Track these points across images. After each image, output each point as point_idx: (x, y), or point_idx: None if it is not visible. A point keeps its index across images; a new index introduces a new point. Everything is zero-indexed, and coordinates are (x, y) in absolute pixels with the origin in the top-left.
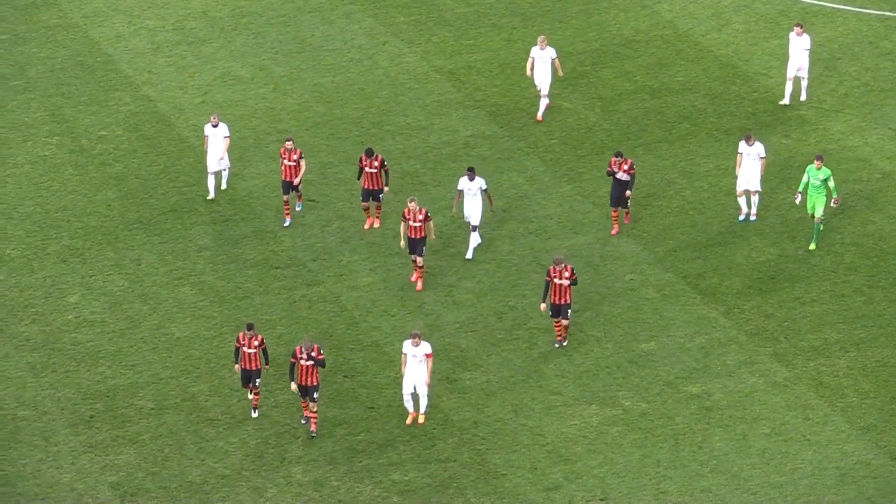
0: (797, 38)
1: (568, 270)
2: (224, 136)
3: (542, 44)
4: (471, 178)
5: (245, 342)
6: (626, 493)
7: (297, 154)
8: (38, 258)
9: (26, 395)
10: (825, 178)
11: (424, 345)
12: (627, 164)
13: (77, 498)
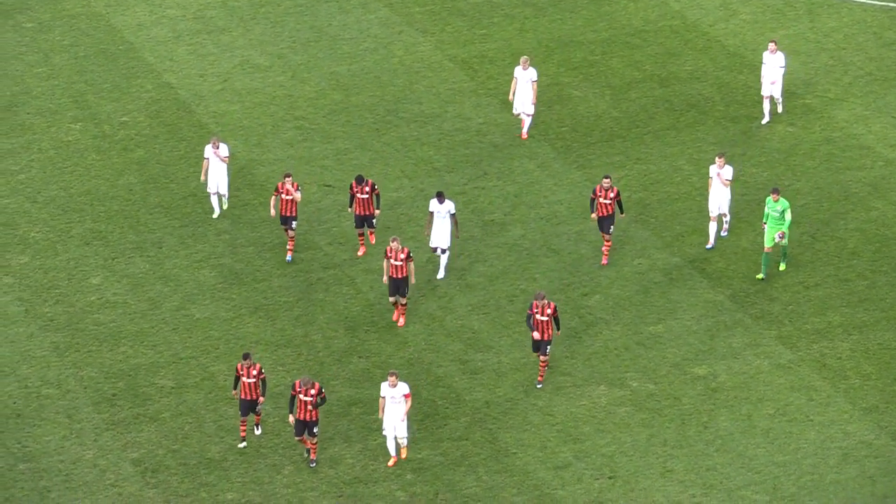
0: (771, 55)
1: (550, 307)
2: (224, 156)
3: (524, 64)
4: (440, 200)
5: (244, 372)
6: (633, 472)
7: (294, 187)
8: (61, 241)
9: (50, 373)
10: (783, 209)
11: (402, 385)
12: (614, 193)
13: (99, 474)
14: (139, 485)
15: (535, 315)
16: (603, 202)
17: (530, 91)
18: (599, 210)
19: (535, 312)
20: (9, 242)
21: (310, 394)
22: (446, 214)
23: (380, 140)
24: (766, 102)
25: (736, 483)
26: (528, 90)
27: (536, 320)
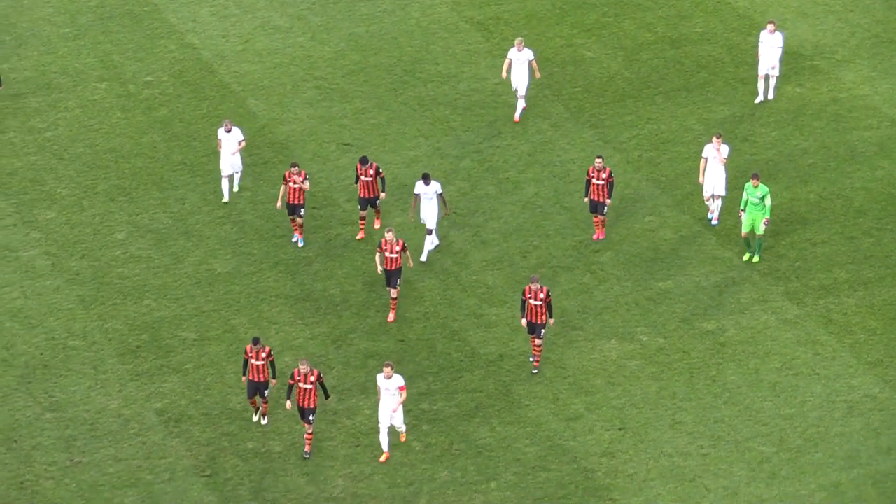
0: (769, 35)
1: (543, 292)
2: (238, 140)
3: (519, 45)
4: (426, 182)
5: (253, 355)
6: (643, 424)
7: (301, 176)
8: (87, 197)
9: (76, 326)
10: (762, 195)
11: (396, 378)
12: (606, 173)
13: (124, 423)
14: (163, 434)
15: (529, 300)
16: (596, 183)
17: (527, 72)
18: (592, 192)
19: (529, 298)
20: (36, 198)
21: (309, 381)
22: (433, 195)
23: (397, 100)
24: (761, 81)
25: (743, 435)
26: (525, 71)
27: (530, 305)
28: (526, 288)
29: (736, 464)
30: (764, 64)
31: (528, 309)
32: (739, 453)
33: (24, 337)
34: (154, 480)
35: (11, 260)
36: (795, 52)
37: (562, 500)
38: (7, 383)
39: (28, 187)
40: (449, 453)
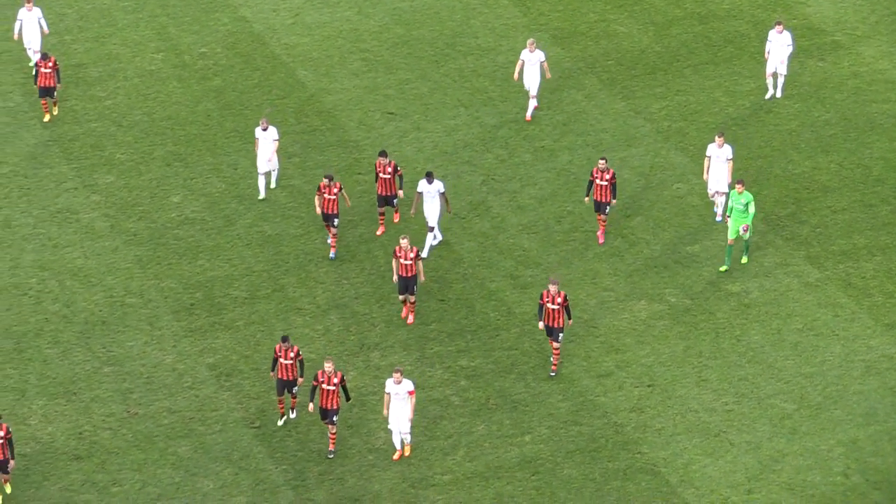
0: (778, 35)
1: (560, 296)
2: (273, 139)
3: (531, 47)
4: (429, 181)
5: (282, 353)
6: (670, 380)
7: (336, 187)
8: (144, 162)
9: (134, 284)
10: (746, 202)
11: (406, 382)
12: (610, 174)
13: (178, 377)
14: (214, 387)
15: (546, 304)
16: (600, 183)
17: (538, 73)
18: (596, 193)
19: (546, 301)
20: (96, 163)
21: (332, 382)
22: (435, 194)
23: (439, 71)
24: (770, 79)
25: (766, 392)
26: (537, 72)
27: (547, 309)
28: (544, 292)
29: (758, 419)
30: (772, 62)
31: (545, 313)
32: (762, 410)
33: (84, 295)
34: (206, 431)
35: (73, 222)
36: (818, 29)
37: (593, 453)
38: (68, 338)
39: (88, 153)
40: (486, 408)
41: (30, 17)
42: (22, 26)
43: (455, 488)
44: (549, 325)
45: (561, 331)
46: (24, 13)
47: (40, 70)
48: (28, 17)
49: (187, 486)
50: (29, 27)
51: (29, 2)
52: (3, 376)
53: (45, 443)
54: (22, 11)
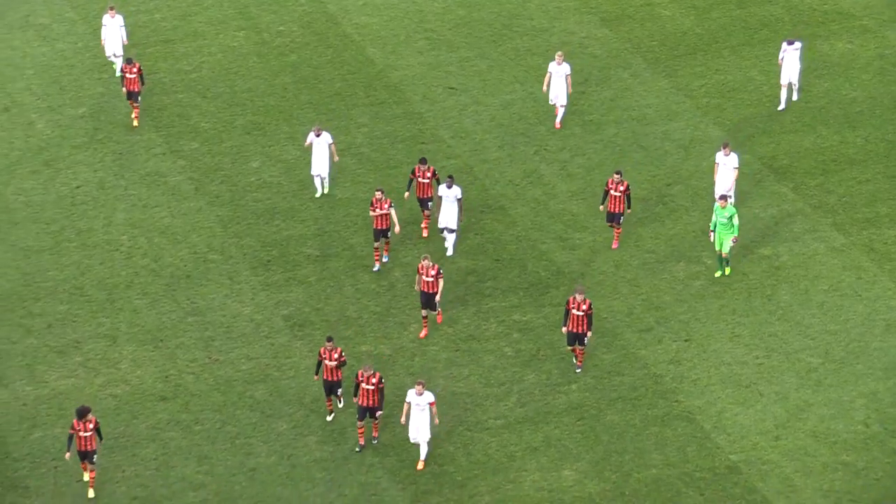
0: (789, 45)
1: (586, 304)
2: (328, 143)
3: (559, 60)
4: (449, 185)
5: (326, 355)
6: (706, 336)
7: (387, 203)
8: (226, 130)
9: (215, 242)
10: (730, 215)
11: (427, 394)
12: (624, 186)
13: (255, 327)
14: (288, 337)
15: (572, 310)
16: (614, 194)
17: (564, 84)
18: (610, 203)
19: (572, 308)
20: (182, 131)
21: (371, 382)
22: (454, 199)
23: (496, 50)
24: (784, 90)
25: (794, 347)
26: (563, 84)
27: (573, 315)
28: (570, 298)
29: (786, 372)
30: (785, 74)
31: (570, 318)
32: (790, 363)
33: (171, 251)
34: (281, 377)
35: (161, 184)
36: (847, 13)
37: (633, 401)
38: (155, 290)
39: (175, 121)
40: (536, 358)
41: (112, 24)
42: (105, 32)
43: (507, 432)
44: (572, 330)
45: (585, 335)
46: (108, 20)
47: (126, 75)
48: (111, 24)
49: (263, 427)
50: (111, 33)
51: (112, 9)
52: (96, 324)
53: (134, 385)
54: (105, 18)
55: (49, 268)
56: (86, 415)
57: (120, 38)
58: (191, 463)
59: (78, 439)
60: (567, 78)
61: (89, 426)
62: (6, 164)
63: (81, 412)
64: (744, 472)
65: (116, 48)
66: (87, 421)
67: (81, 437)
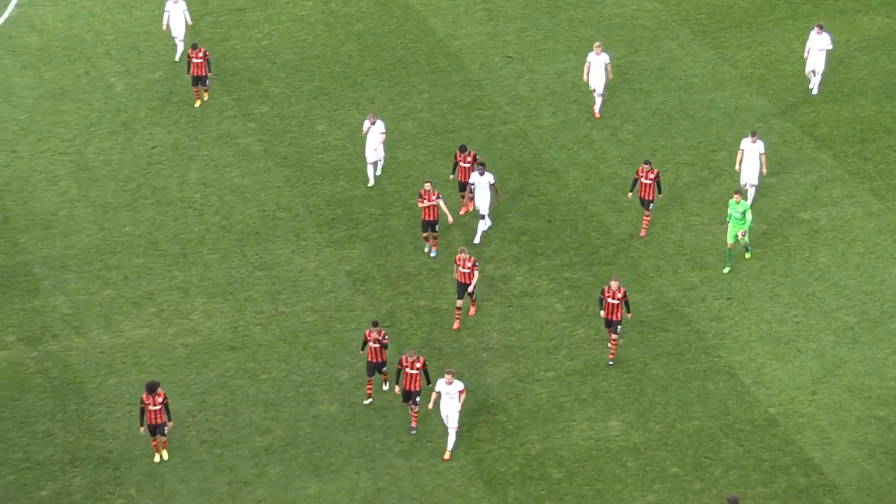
0: (817, 36)
1: (620, 292)
2: (380, 132)
3: (597, 50)
4: (481, 173)
5: (371, 337)
6: (747, 295)
7: (435, 195)
8: (294, 95)
9: (283, 200)
10: (744, 210)
11: (457, 383)
12: (654, 174)
13: (319, 282)
14: (351, 291)
15: (607, 298)
16: (645, 182)
17: (604, 73)
18: (641, 190)
19: (607, 297)
20: (253, 95)
21: (415, 367)
22: (486, 185)
23: (551, 21)
24: (811, 75)
25: (831, 307)
26: (602, 73)
27: (607, 303)
28: (605, 287)
29: (823, 330)
30: (811, 62)
31: (606, 307)
32: (827, 322)
33: (241, 208)
34: (343, 329)
35: (231, 145)
36: None
37: (677, 356)
38: (226, 246)
39: (247, 86)
40: (585, 314)
41: (176, 9)
42: (169, 17)
43: (557, 383)
44: (608, 318)
45: (619, 323)
46: (171, 5)
47: (192, 60)
48: (174, 9)
49: (325, 375)
50: (175, 18)
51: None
52: (170, 277)
53: (205, 335)
54: (169, 3)
55: (126, 223)
56: (155, 389)
57: (183, 22)
58: (257, 409)
59: (148, 413)
60: (606, 67)
61: (158, 400)
62: (87, 125)
63: (151, 387)
64: (781, 424)
65: (179, 32)
66: (156, 395)
67: (151, 411)
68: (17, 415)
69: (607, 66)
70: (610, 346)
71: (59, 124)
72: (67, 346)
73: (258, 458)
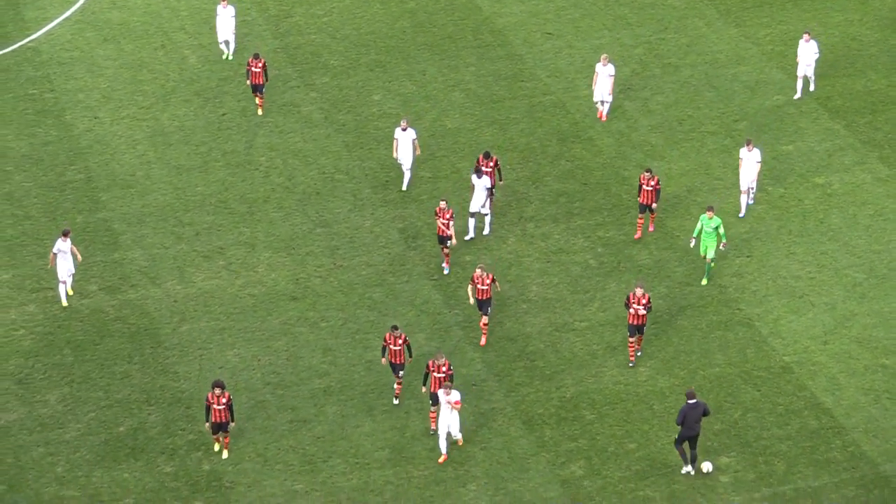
0: (805, 44)
1: (645, 298)
2: (412, 138)
3: (604, 61)
4: (479, 175)
5: (391, 341)
6: (765, 253)
7: (449, 213)
8: (352, 67)
9: (341, 163)
10: (716, 226)
11: (454, 393)
12: (655, 181)
13: (374, 238)
14: (403, 248)
15: (632, 304)
16: (646, 189)
17: (608, 84)
18: (643, 197)
19: (632, 303)
20: (314, 67)
21: (441, 370)
22: (483, 188)
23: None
24: (800, 81)
25: (842, 264)
26: (607, 83)
27: (632, 309)
28: (630, 294)
29: (835, 286)
30: (802, 67)
31: (630, 313)
32: (838, 278)
33: (302, 170)
34: (395, 282)
35: (294, 113)
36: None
37: (700, 308)
38: (289, 205)
39: (309, 59)
40: (617, 270)
41: (224, 14)
42: (217, 22)
43: (590, 332)
44: (632, 323)
45: (644, 326)
46: (220, 10)
47: (251, 69)
48: (223, 14)
49: (379, 324)
50: (223, 22)
51: (224, 0)
52: (237, 233)
53: (269, 286)
54: (218, 8)
55: (198, 184)
56: (221, 388)
57: (230, 27)
58: (317, 354)
59: (213, 412)
60: (610, 79)
61: (222, 400)
62: (162, 93)
63: (217, 384)
64: (795, 371)
65: (227, 35)
66: (221, 395)
67: (216, 409)
68: (98, 357)
69: (611, 77)
70: (631, 351)
71: (137, 93)
72: (144, 296)
73: (317, 399)
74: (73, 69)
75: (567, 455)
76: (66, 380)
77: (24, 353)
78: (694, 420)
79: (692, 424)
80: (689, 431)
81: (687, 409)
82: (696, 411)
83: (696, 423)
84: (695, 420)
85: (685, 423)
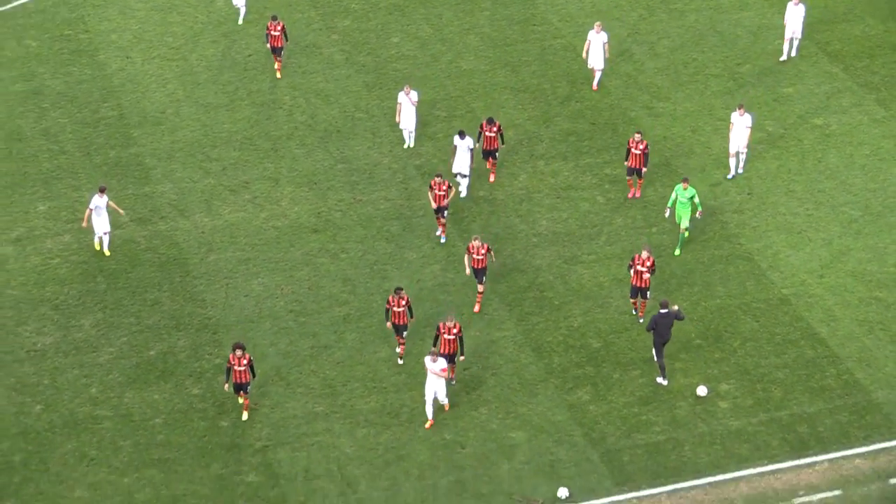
0: (794, 7)
1: (650, 261)
2: (414, 101)
3: (597, 29)
4: (462, 136)
5: (395, 303)
6: (765, 191)
7: (446, 185)
8: (372, 10)
9: (361, 103)
10: (691, 196)
11: (440, 361)
12: (644, 145)
13: (392, 174)
14: (419, 183)
15: (636, 265)
16: (635, 153)
17: (602, 51)
18: (632, 160)
19: (637, 264)
20: (336, 10)
21: (452, 332)
22: (466, 148)
23: None
24: (787, 44)
25: (839, 202)
26: (601, 50)
27: (636, 270)
28: (636, 256)
29: (832, 222)
30: (789, 30)
31: (634, 274)
32: (835, 215)
33: (324, 109)
34: (412, 215)
35: (317, 54)
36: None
37: (703, 242)
38: (311, 142)
39: (331, 2)
40: (623, 206)
41: None
42: None
43: (598, 265)
44: (635, 285)
45: (648, 290)
46: None
47: (270, 32)
48: None
49: (396, 256)
50: None
51: None
52: (262, 168)
53: (292, 219)
54: None
55: (224, 121)
56: (242, 349)
57: None
58: (337, 283)
59: (234, 373)
60: (605, 45)
61: (243, 361)
62: (191, 35)
63: (237, 345)
64: (793, 303)
65: (239, 2)
66: (242, 357)
67: (236, 370)
68: (129, 285)
69: (605, 45)
70: (636, 309)
71: (167, 34)
72: (173, 227)
73: (337, 326)
74: (107, 11)
75: (574, 381)
76: (100, 306)
77: (59, 281)
78: (665, 327)
79: (663, 331)
80: (660, 338)
81: (658, 318)
82: (667, 319)
83: (666, 330)
84: (666, 327)
85: (657, 329)
